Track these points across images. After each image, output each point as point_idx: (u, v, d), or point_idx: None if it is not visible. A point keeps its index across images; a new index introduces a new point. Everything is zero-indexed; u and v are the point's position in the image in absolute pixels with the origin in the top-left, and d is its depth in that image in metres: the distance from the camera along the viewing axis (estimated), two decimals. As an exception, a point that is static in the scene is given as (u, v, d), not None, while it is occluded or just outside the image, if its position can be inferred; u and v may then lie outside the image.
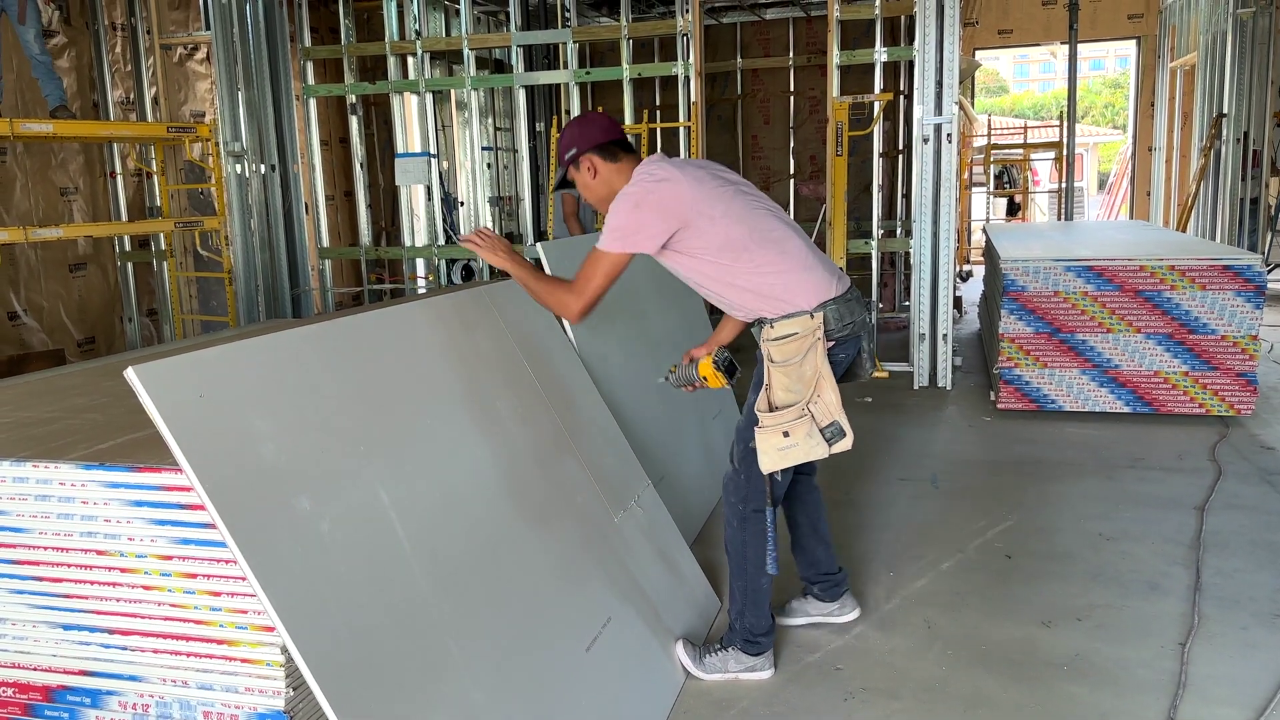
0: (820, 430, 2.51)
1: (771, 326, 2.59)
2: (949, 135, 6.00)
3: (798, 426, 2.50)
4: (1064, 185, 9.40)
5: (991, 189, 14.22)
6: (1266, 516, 3.90)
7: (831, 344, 2.61)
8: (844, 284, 2.68)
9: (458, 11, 7.96)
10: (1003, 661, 2.85)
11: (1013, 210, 14.80)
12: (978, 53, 14.50)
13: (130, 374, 1.58)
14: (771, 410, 2.55)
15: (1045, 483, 4.40)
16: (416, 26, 7.58)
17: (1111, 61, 34.94)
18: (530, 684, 2.16)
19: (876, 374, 6.58)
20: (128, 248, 7.87)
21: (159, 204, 7.68)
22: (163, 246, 7.71)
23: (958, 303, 8.95)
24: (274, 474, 1.78)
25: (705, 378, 2.94)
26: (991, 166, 14.06)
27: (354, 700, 1.66)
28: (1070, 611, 3.15)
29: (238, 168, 7.32)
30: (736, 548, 2.75)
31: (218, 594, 1.85)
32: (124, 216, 7.78)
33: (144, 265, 8.01)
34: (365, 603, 1.81)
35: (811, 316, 2.57)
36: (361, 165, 8.10)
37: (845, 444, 2.54)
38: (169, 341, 7.61)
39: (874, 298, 6.96)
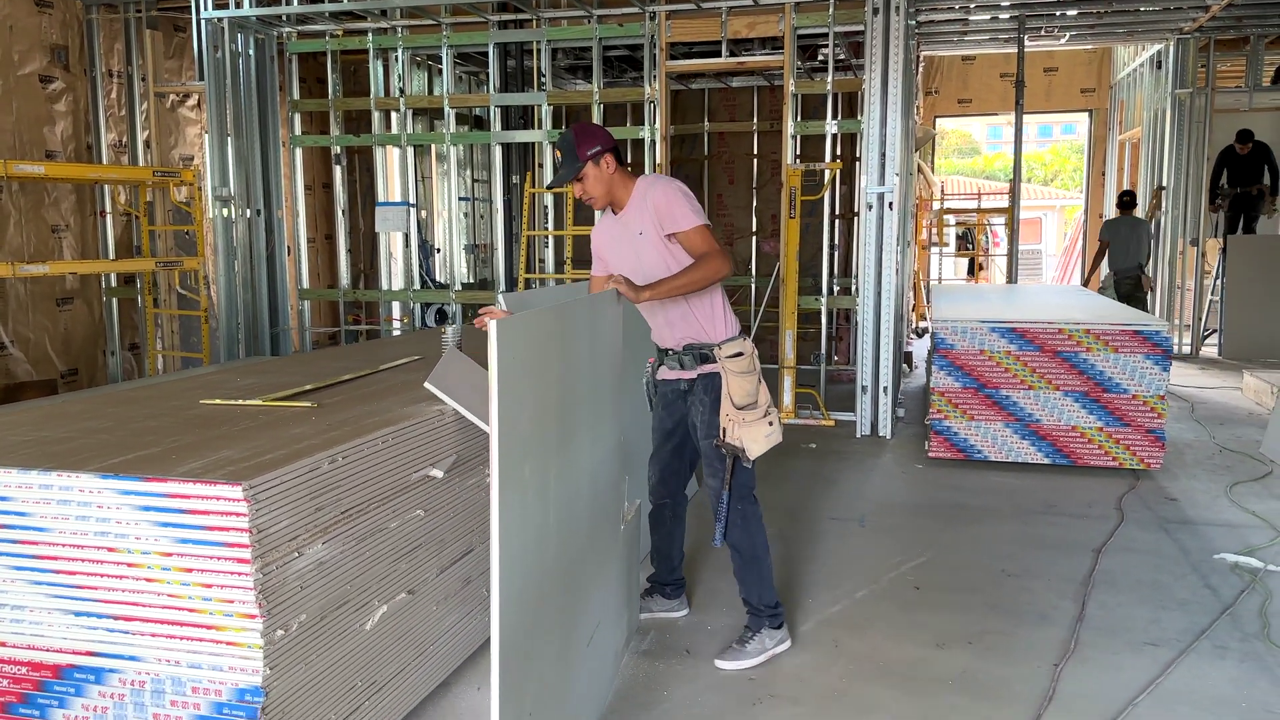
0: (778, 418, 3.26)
1: (720, 348, 3.21)
2: (890, 203, 6.48)
3: (773, 415, 3.21)
4: (1010, 249, 9.93)
5: (954, 250, 14.81)
6: (1156, 559, 4.31)
7: None
8: None
9: (440, 71, 8.44)
10: (897, 676, 3.22)
11: (974, 271, 15.39)
12: (939, 120, 15.19)
13: (491, 325, 2.05)
14: (738, 409, 3.14)
15: (963, 525, 4.80)
16: (400, 84, 8.03)
17: (1083, 127, 36.00)
18: (567, 664, 2.63)
19: (823, 422, 6.99)
20: (114, 284, 8.20)
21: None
22: (144, 284, 8.06)
23: (907, 358, 9.42)
24: (523, 442, 2.23)
25: None
26: (954, 229, 14.68)
27: (510, 642, 2.16)
28: (965, 636, 3.53)
29: (224, 211, 7.70)
30: (745, 544, 3.30)
31: (209, 585, 2.20)
32: (112, 254, 8.13)
33: (128, 301, 8.35)
34: (529, 566, 2.30)
35: (744, 339, 3.26)
36: (343, 211, 8.50)
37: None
38: (149, 376, 7.91)
39: (822, 350, 7.39)
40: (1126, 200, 9.91)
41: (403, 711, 2.81)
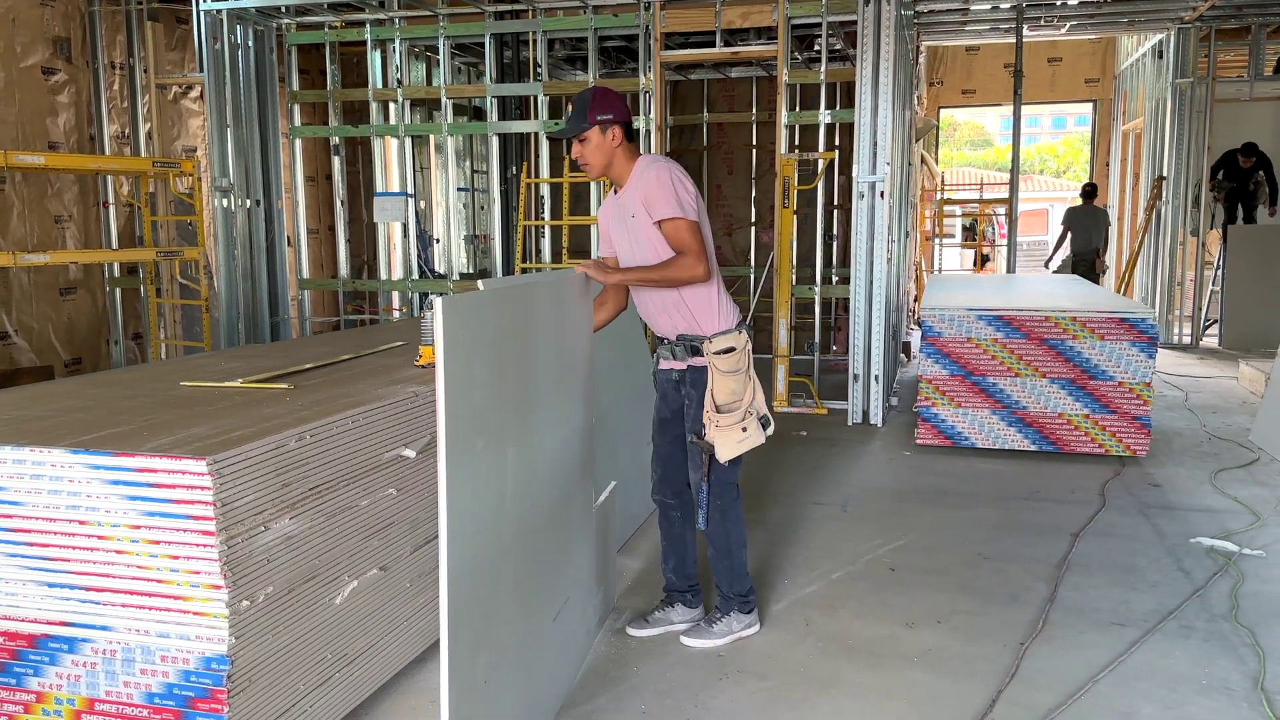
0: (758, 421, 3.16)
1: (710, 341, 3.12)
2: (881, 192, 6.51)
3: (750, 421, 3.12)
4: (1009, 240, 9.93)
5: (960, 241, 14.83)
6: (1133, 543, 4.35)
7: None
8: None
9: (438, 62, 8.50)
10: (863, 653, 3.27)
11: (979, 262, 15.40)
12: (946, 111, 15.17)
13: (437, 303, 2.12)
14: (718, 411, 3.09)
15: (944, 509, 4.84)
16: (399, 75, 8.10)
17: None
18: (530, 637, 2.69)
19: (816, 410, 7.04)
20: (117, 274, 8.30)
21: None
22: (146, 274, 8.15)
23: (905, 348, 9.44)
24: (474, 418, 2.29)
25: None
26: (960, 219, 14.69)
27: (461, 609, 2.21)
28: (935, 616, 3.58)
29: (224, 202, 7.78)
30: (720, 538, 3.28)
31: (176, 557, 2.27)
32: (114, 244, 8.23)
33: (131, 291, 8.44)
34: (482, 537, 2.35)
35: (740, 332, 3.16)
36: (342, 202, 8.57)
37: (770, 429, 3.23)
38: (151, 363, 8.01)
39: (816, 339, 7.44)
40: (1088, 191, 11.69)
41: (374, 685, 2.88)
